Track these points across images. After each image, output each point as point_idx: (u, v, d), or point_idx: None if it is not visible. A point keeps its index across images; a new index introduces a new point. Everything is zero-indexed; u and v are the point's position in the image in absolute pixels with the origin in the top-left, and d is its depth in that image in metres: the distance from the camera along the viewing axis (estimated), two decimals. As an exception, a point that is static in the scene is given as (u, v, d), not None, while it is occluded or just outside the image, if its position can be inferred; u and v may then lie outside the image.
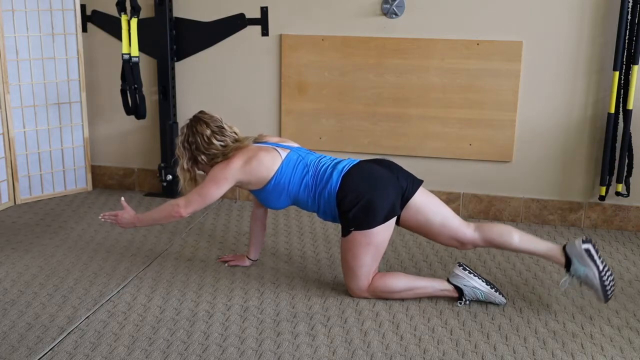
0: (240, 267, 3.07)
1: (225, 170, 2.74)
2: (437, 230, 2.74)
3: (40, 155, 4.02)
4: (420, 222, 2.75)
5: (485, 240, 2.72)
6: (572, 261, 2.60)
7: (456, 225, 2.73)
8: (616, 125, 3.47)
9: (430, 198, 2.78)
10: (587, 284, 2.59)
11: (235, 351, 2.36)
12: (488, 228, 2.74)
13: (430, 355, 2.35)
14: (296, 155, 2.80)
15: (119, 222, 2.88)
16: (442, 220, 2.73)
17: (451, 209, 2.80)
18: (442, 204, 2.79)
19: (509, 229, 2.74)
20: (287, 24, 3.83)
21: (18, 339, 2.43)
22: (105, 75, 4.13)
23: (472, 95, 3.65)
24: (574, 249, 2.60)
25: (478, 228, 2.73)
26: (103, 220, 2.91)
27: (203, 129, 2.79)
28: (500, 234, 2.71)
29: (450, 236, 2.74)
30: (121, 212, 2.88)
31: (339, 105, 3.83)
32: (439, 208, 2.76)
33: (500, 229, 2.73)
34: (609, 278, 2.56)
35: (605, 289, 2.55)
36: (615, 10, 3.39)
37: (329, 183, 2.70)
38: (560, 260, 2.64)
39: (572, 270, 2.60)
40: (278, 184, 2.76)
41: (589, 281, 2.57)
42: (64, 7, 3.95)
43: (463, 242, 2.74)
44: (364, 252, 2.66)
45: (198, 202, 2.76)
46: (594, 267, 2.56)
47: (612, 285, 2.58)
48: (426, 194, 2.78)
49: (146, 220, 2.91)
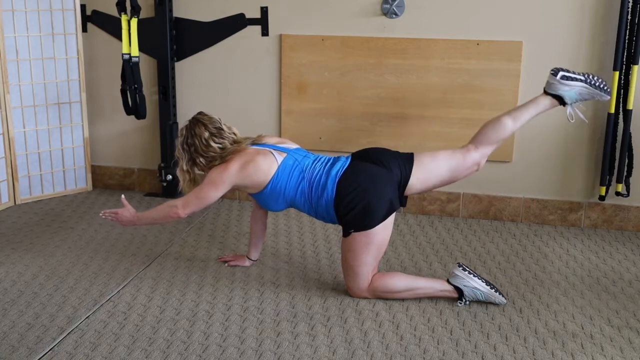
0: (240, 267, 3.07)
1: (222, 173, 2.74)
2: (450, 176, 2.79)
3: (40, 155, 4.02)
4: (431, 183, 2.79)
5: (489, 144, 2.81)
6: (562, 95, 2.75)
7: (461, 158, 2.79)
8: (616, 125, 3.47)
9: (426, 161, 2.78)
10: (587, 99, 2.79)
11: (235, 351, 2.36)
12: (482, 135, 2.83)
13: (430, 355, 2.35)
14: (292, 160, 2.80)
15: (119, 219, 2.89)
16: (448, 167, 2.77)
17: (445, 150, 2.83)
18: (436, 155, 2.81)
19: (497, 119, 2.83)
20: (287, 24, 3.83)
21: (18, 339, 2.44)
22: (105, 75, 4.13)
23: (472, 95, 3.65)
24: (553, 86, 2.77)
25: (476, 142, 2.82)
26: (103, 217, 2.91)
27: (201, 131, 2.79)
28: (495, 130, 2.81)
29: (464, 169, 2.80)
30: (121, 210, 2.89)
31: (339, 105, 3.83)
32: (438, 162, 2.78)
33: (492, 125, 2.83)
34: (597, 79, 2.76)
35: (601, 88, 2.75)
36: (615, 10, 3.39)
37: (325, 192, 2.70)
38: (553, 102, 2.80)
39: (567, 100, 2.77)
40: (274, 189, 2.76)
41: (586, 96, 2.77)
42: (64, 7, 3.95)
43: (477, 162, 2.80)
44: (364, 252, 2.66)
45: (196, 204, 2.77)
46: (578, 82, 2.73)
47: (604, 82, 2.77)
48: (420, 161, 2.77)
49: (145, 220, 2.91)
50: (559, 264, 3.15)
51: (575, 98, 2.77)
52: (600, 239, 3.50)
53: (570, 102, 2.77)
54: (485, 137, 2.81)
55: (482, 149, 2.80)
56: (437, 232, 3.56)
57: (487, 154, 2.82)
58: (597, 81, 2.76)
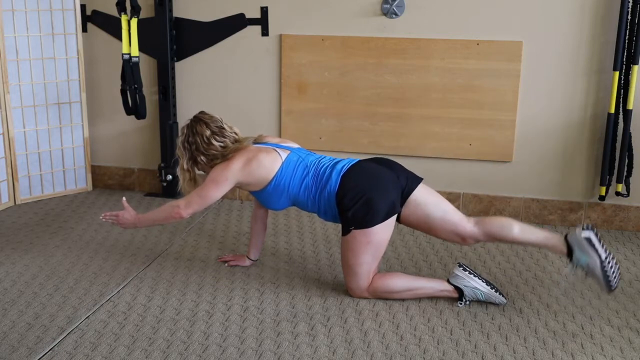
0: (240, 267, 3.07)
1: (225, 171, 2.74)
2: (437, 225, 2.72)
3: (40, 155, 4.02)
4: (421, 218, 2.74)
5: (486, 234, 2.70)
6: (573, 250, 2.57)
7: (456, 220, 2.71)
8: (616, 125, 3.47)
9: (430, 193, 2.77)
10: (590, 274, 2.56)
11: (235, 351, 2.36)
12: (488, 221, 2.72)
13: (430, 355, 2.35)
14: (296, 156, 2.80)
15: (120, 222, 2.89)
16: (442, 215, 2.71)
17: (451, 204, 2.79)
18: (442, 199, 2.78)
19: (509, 221, 2.72)
20: (287, 24, 3.83)
21: (18, 339, 2.43)
22: (105, 75, 4.13)
23: (472, 95, 3.65)
24: (574, 238, 2.57)
25: (478, 222, 2.72)
26: (104, 220, 2.91)
27: (203, 130, 2.79)
28: (500, 227, 2.69)
29: (451, 231, 2.71)
30: (122, 212, 2.89)
31: (339, 105, 3.83)
32: (439, 203, 2.75)
33: (501, 221, 2.72)
34: (612, 267, 2.52)
35: (608, 279, 2.51)
36: (615, 10, 3.39)
37: (329, 183, 2.70)
38: (562, 249, 2.62)
39: (574, 259, 2.57)
40: (278, 186, 2.76)
41: (590, 271, 2.54)
42: (64, 7, 3.95)
43: (464, 236, 2.71)
44: (364, 251, 2.66)
45: (198, 203, 2.76)
46: (595, 255, 2.53)
47: (615, 275, 2.52)
48: (426, 189, 2.77)
49: (147, 221, 2.91)
50: (559, 264, 3.15)
51: (581, 264, 2.56)
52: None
53: (577, 264, 2.57)
54: (489, 226, 2.70)
55: (477, 232, 2.69)
56: (437, 232, 3.56)
57: (477, 239, 2.71)
58: (611, 270, 2.52)
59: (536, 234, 2.68)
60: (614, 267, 2.53)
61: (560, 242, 2.63)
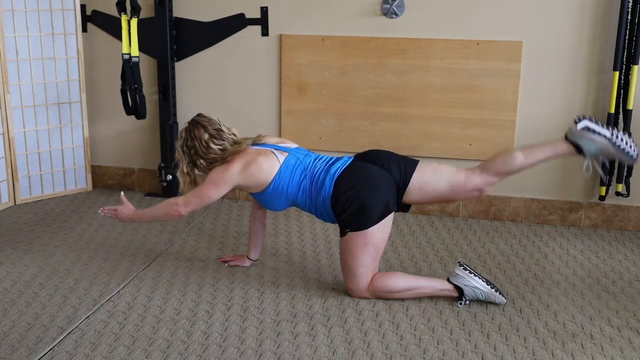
0: (240, 267, 3.07)
1: (224, 173, 2.75)
2: (448, 194, 2.73)
3: (40, 155, 4.02)
4: (430, 196, 2.74)
5: (496, 174, 2.69)
6: (581, 145, 2.55)
7: (463, 179, 2.70)
8: (616, 125, 3.46)
9: (428, 170, 2.74)
10: (607, 157, 2.57)
11: (235, 351, 2.36)
12: (492, 163, 2.72)
13: (430, 355, 2.35)
14: (294, 159, 2.80)
15: (118, 217, 2.89)
16: (448, 183, 2.71)
17: (451, 166, 2.78)
18: (440, 167, 2.76)
19: (510, 152, 2.73)
20: (287, 24, 3.83)
21: (18, 339, 2.43)
22: (105, 75, 4.13)
23: (472, 95, 3.65)
24: (574, 133, 2.56)
25: (483, 168, 2.72)
26: (102, 214, 2.91)
27: (201, 134, 2.79)
28: (503, 162, 2.70)
29: (464, 191, 2.71)
30: (120, 207, 2.89)
31: (339, 105, 3.83)
32: (440, 174, 2.73)
33: (502, 157, 2.72)
34: (622, 139, 2.51)
35: (624, 151, 2.50)
36: (615, 10, 3.39)
37: (323, 188, 2.71)
38: (570, 150, 2.61)
39: (586, 152, 2.55)
40: (277, 188, 2.76)
41: (606, 153, 2.53)
42: (64, 7, 3.95)
43: (479, 188, 2.71)
44: (362, 252, 2.66)
45: (196, 203, 2.78)
46: (601, 137, 2.51)
47: (630, 144, 2.51)
48: (422, 169, 2.74)
49: (145, 217, 2.92)
50: (559, 264, 3.15)
51: (594, 152, 2.54)
52: (600, 239, 3.50)
53: (589, 155, 2.55)
54: (493, 165, 2.71)
55: (486, 177, 2.70)
56: (437, 232, 3.56)
57: (490, 182, 2.71)
58: (623, 142, 2.51)
59: (541, 151, 2.68)
60: (624, 138, 2.51)
61: (565, 145, 2.62)
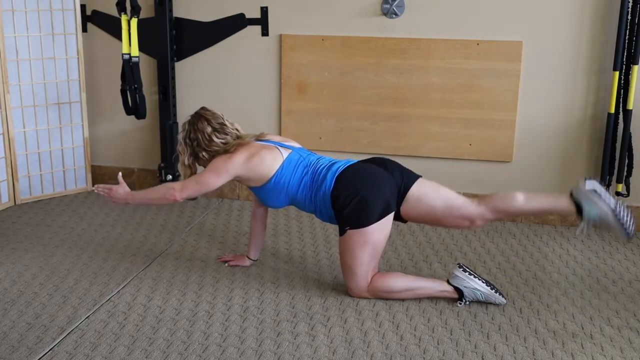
0: (240, 267, 3.07)
1: (227, 162, 2.74)
2: (442, 214, 2.69)
3: (40, 155, 4.02)
4: (423, 211, 2.71)
5: (493, 210, 2.66)
6: (582, 206, 2.51)
7: (460, 204, 2.68)
8: (616, 125, 3.46)
9: (428, 185, 2.74)
10: (603, 226, 2.52)
11: (235, 351, 2.36)
12: (490, 198, 2.70)
13: (430, 355, 2.35)
14: (297, 155, 2.81)
15: (112, 195, 2.87)
16: (444, 204, 2.68)
17: (451, 190, 2.75)
18: (441, 188, 2.74)
19: (513, 192, 2.69)
20: (287, 24, 3.83)
21: (18, 339, 2.43)
22: (105, 75, 4.13)
23: (472, 95, 3.65)
24: (580, 193, 2.52)
25: (482, 200, 2.69)
26: (96, 192, 2.89)
27: (204, 126, 2.79)
28: (503, 199, 2.67)
29: (458, 216, 2.68)
30: (116, 186, 2.87)
31: (339, 105, 3.83)
32: (439, 192, 2.72)
33: (504, 194, 2.69)
34: (624, 214, 2.47)
35: (623, 225, 2.47)
36: (615, 10, 3.39)
37: (324, 183, 2.71)
38: (570, 208, 2.57)
39: (585, 215, 2.51)
40: (278, 183, 2.76)
41: (604, 222, 2.49)
42: (64, 7, 3.95)
43: (471, 218, 2.68)
44: (361, 251, 2.66)
45: (194, 189, 2.76)
46: (605, 205, 2.48)
47: (629, 220, 2.47)
48: (423, 183, 2.74)
49: (139, 198, 2.92)
50: (559, 264, 3.16)
51: (593, 217, 2.49)
52: (600, 239, 3.50)
53: (588, 219, 2.51)
54: (492, 200, 2.68)
55: (483, 209, 2.66)
56: (437, 232, 3.56)
57: (484, 217, 2.67)
58: (624, 216, 2.47)
59: (542, 200, 2.66)
60: (626, 213, 2.48)
61: (567, 202, 2.58)
